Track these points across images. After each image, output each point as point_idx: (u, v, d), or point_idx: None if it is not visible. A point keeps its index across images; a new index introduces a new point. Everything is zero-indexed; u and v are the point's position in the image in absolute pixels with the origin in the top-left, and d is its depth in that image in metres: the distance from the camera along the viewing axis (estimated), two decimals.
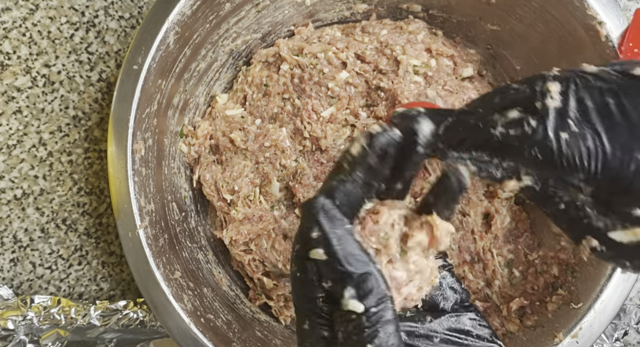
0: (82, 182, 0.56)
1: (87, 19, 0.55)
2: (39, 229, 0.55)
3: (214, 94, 0.55)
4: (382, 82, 0.52)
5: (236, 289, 0.54)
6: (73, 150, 0.55)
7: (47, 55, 0.54)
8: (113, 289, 0.57)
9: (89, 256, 0.56)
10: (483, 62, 0.55)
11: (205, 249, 0.53)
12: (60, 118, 0.55)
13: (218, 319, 0.48)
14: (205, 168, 0.53)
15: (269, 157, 0.52)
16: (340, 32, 0.56)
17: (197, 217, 0.54)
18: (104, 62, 0.55)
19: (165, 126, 0.49)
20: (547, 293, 0.49)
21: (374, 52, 0.53)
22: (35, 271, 0.55)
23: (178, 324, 0.45)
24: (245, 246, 0.52)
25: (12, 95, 0.54)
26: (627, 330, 0.54)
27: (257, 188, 0.52)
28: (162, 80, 0.47)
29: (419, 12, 0.55)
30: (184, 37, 0.47)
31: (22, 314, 0.51)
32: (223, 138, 0.53)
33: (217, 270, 0.53)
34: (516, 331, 0.49)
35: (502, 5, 0.50)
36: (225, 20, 0.49)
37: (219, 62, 0.53)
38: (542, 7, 0.47)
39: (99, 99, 0.55)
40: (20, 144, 0.54)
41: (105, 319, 0.53)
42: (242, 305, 0.52)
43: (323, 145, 0.51)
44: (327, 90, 0.52)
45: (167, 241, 0.48)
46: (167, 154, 0.50)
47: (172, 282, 0.46)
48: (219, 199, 0.53)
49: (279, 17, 0.53)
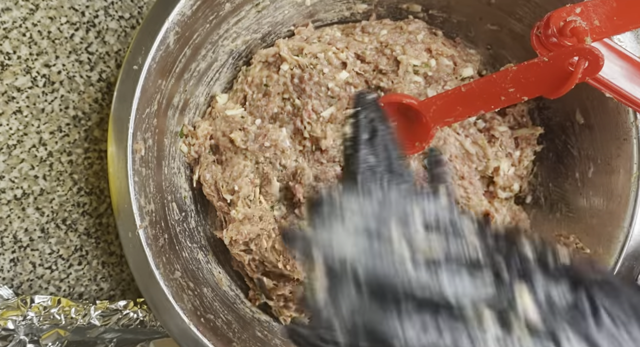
0: (82, 182, 0.56)
1: (87, 19, 0.55)
2: (39, 229, 0.55)
3: (214, 94, 0.55)
4: (382, 82, 0.52)
5: (236, 289, 0.54)
6: (73, 150, 0.55)
7: (47, 55, 0.54)
8: (113, 289, 0.57)
9: (89, 256, 0.56)
10: (483, 62, 0.55)
11: (205, 249, 0.53)
12: (60, 118, 0.55)
13: (218, 319, 0.48)
14: (205, 168, 0.53)
15: (269, 157, 0.52)
16: (340, 32, 0.56)
17: (197, 217, 0.54)
18: (104, 62, 0.55)
19: (165, 126, 0.49)
20: None
21: (374, 52, 0.53)
22: (35, 271, 0.55)
23: (178, 324, 0.45)
24: (245, 246, 0.52)
25: (12, 95, 0.54)
26: None
27: (257, 188, 0.52)
28: (162, 80, 0.47)
29: (418, 12, 0.55)
30: (184, 37, 0.47)
31: (22, 314, 0.51)
32: (223, 138, 0.53)
33: (217, 270, 0.53)
34: None
35: (502, 5, 0.50)
36: (225, 20, 0.49)
37: (219, 62, 0.53)
38: (542, 7, 0.47)
39: (99, 99, 0.55)
40: (21, 144, 0.54)
41: (105, 319, 0.53)
42: (242, 305, 0.52)
43: (323, 146, 0.51)
44: (327, 90, 0.52)
45: (167, 241, 0.48)
46: (167, 154, 0.50)
47: (172, 282, 0.46)
48: (219, 199, 0.53)
49: (279, 17, 0.53)
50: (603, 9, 0.40)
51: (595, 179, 0.49)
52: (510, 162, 0.52)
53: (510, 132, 0.53)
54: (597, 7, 0.40)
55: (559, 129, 0.53)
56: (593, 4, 0.40)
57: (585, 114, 0.50)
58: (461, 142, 0.52)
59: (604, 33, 0.41)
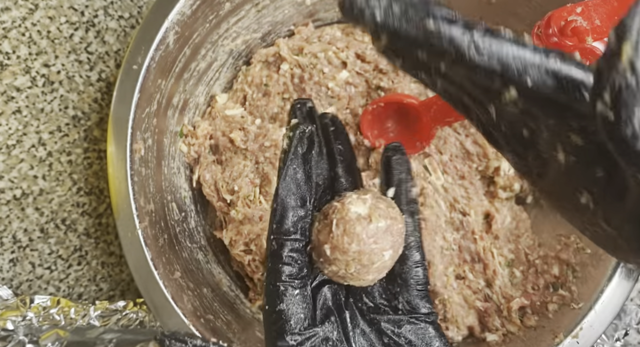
0: (82, 182, 0.55)
1: (86, 19, 0.54)
2: (38, 229, 0.55)
3: (213, 94, 0.55)
4: (382, 81, 0.52)
5: (236, 289, 0.54)
6: (72, 150, 0.55)
7: (46, 55, 0.54)
8: (113, 289, 0.57)
9: (88, 256, 0.56)
10: None
11: (205, 249, 0.53)
12: (59, 118, 0.55)
13: (218, 319, 0.48)
14: (205, 168, 0.53)
15: (269, 157, 0.52)
16: (341, 31, 0.55)
17: (196, 218, 0.54)
18: (104, 61, 0.55)
19: (165, 126, 0.49)
20: (547, 293, 0.49)
21: (374, 51, 0.53)
22: (35, 271, 0.55)
23: (178, 325, 0.45)
24: (245, 246, 0.52)
25: (11, 95, 0.54)
26: (627, 330, 0.54)
27: (257, 188, 0.52)
28: (161, 80, 0.47)
29: None
30: (183, 36, 0.47)
31: (22, 315, 0.51)
32: (223, 138, 0.53)
33: (217, 270, 0.53)
34: (517, 331, 0.49)
35: (502, 5, 0.50)
36: (225, 19, 0.49)
37: (218, 62, 0.53)
38: (542, 6, 0.47)
39: (98, 99, 0.55)
40: (20, 144, 0.54)
41: (105, 319, 0.52)
42: (242, 305, 0.52)
43: None
44: (327, 90, 0.52)
45: (167, 241, 0.48)
46: (166, 154, 0.50)
47: (171, 283, 0.46)
48: (218, 199, 0.52)
49: (279, 17, 0.53)
50: (604, 9, 0.40)
51: None
52: None
53: None
54: (598, 7, 0.40)
55: None
56: (594, 4, 0.40)
57: None
58: (461, 141, 0.52)
59: (605, 33, 0.41)
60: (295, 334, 0.31)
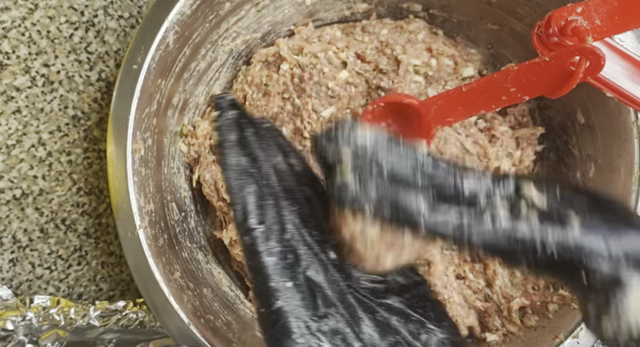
0: (82, 182, 0.55)
1: (86, 19, 0.54)
2: (38, 229, 0.55)
3: (213, 94, 0.55)
4: (382, 81, 0.52)
5: (236, 289, 0.54)
6: (72, 150, 0.55)
7: (46, 55, 0.54)
8: (112, 289, 0.57)
9: (88, 256, 0.56)
10: (484, 61, 0.55)
11: (205, 249, 0.53)
12: (59, 118, 0.55)
13: (218, 319, 0.48)
14: (205, 168, 0.53)
15: None
16: (341, 31, 0.55)
17: (196, 217, 0.54)
18: (104, 61, 0.55)
19: (164, 126, 0.49)
20: (548, 293, 0.49)
21: (374, 51, 0.53)
22: (35, 271, 0.55)
23: (178, 325, 0.45)
24: None
25: (11, 95, 0.54)
26: None
27: None
28: (161, 79, 0.47)
29: (419, 12, 0.55)
30: (183, 36, 0.47)
31: (22, 315, 0.51)
32: None
33: (217, 270, 0.53)
34: (517, 331, 0.49)
35: (503, 4, 0.50)
36: (225, 19, 0.49)
37: (218, 62, 0.53)
38: (543, 6, 0.47)
39: (98, 99, 0.55)
40: (20, 144, 0.54)
41: (105, 319, 0.52)
42: (242, 305, 0.52)
43: None
44: (327, 90, 0.52)
45: (167, 241, 0.48)
46: (166, 154, 0.50)
47: (171, 283, 0.46)
48: (218, 199, 0.52)
49: (279, 17, 0.53)
50: (604, 9, 0.40)
51: (597, 179, 0.49)
52: (511, 162, 0.52)
53: (511, 132, 0.53)
54: (598, 7, 0.40)
55: (559, 129, 0.53)
56: (594, 4, 0.40)
57: (586, 113, 0.49)
58: (462, 141, 0.52)
59: (605, 32, 0.41)
60: (300, 331, 0.28)
